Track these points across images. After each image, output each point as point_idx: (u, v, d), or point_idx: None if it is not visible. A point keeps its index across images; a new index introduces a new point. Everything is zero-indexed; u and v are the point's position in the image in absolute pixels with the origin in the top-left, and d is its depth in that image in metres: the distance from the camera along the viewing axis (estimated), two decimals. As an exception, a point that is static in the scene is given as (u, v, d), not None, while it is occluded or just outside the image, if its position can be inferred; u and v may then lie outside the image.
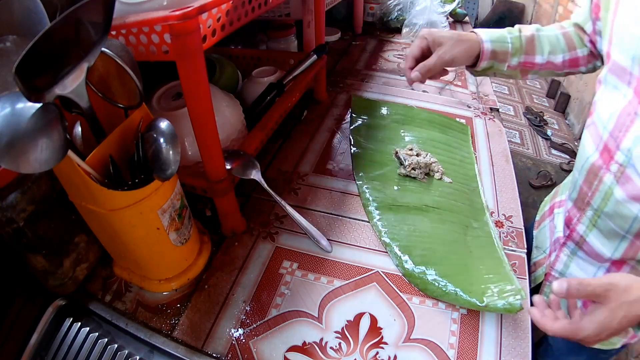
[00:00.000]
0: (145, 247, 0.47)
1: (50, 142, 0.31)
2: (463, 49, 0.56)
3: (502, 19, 4.17)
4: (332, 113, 0.89)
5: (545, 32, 0.60)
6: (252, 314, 0.49)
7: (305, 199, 0.66)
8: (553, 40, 0.59)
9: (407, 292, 0.52)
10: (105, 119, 0.42)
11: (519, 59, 0.59)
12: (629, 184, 0.43)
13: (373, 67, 1.13)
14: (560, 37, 0.59)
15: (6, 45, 0.34)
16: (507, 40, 0.58)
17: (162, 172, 0.40)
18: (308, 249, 0.57)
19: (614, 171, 0.44)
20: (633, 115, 0.42)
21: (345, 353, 0.45)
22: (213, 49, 0.83)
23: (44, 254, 0.46)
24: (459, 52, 0.56)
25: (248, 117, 0.67)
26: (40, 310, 0.47)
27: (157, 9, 0.43)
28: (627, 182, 0.43)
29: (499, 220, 0.63)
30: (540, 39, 0.59)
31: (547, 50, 0.58)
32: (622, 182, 0.44)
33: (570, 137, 2.41)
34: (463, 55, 0.56)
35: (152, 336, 0.47)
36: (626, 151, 0.43)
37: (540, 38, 0.59)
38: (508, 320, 0.50)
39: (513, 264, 0.56)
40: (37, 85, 0.30)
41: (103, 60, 0.40)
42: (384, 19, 1.39)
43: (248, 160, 0.57)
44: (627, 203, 0.43)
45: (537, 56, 0.59)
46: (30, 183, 0.43)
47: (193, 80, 0.42)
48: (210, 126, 0.47)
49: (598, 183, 0.47)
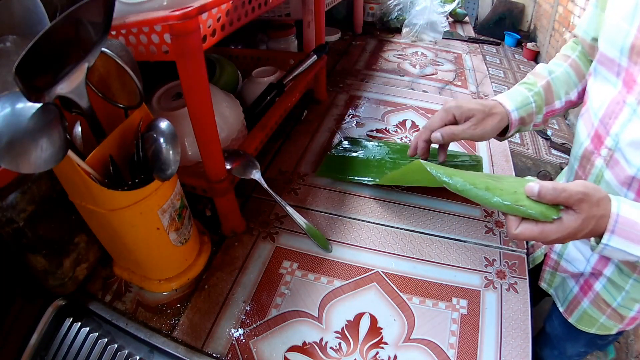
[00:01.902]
0: (145, 247, 0.47)
1: (50, 142, 0.31)
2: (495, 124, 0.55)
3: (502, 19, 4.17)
4: (332, 113, 0.89)
5: (556, 72, 0.59)
6: (252, 314, 0.49)
7: (305, 199, 0.66)
8: (566, 79, 0.59)
9: (407, 292, 0.52)
10: (105, 119, 0.42)
11: (542, 114, 0.59)
12: (617, 167, 0.46)
13: (373, 67, 1.13)
14: (570, 72, 0.59)
15: (6, 45, 0.34)
16: (530, 102, 0.57)
17: (162, 172, 0.40)
18: (308, 249, 0.57)
19: (604, 155, 0.47)
20: (622, 104, 0.45)
21: (345, 353, 0.45)
22: (213, 49, 0.83)
23: (44, 254, 0.46)
24: (490, 128, 0.55)
25: (248, 117, 0.67)
26: (40, 310, 0.47)
27: (157, 9, 0.43)
28: (615, 166, 0.46)
29: (499, 220, 0.63)
30: (555, 84, 0.58)
31: (563, 92, 0.59)
32: (611, 165, 0.46)
33: (570, 137, 2.41)
34: (493, 129, 0.55)
35: (152, 336, 0.47)
36: (614, 136, 0.45)
37: (555, 82, 0.58)
38: (508, 320, 0.50)
39: (513, 264, 0.57)
40: (37, 85, 0.30)
41: (103, 60, 0.40)
42: (384, 19, 1.39)
43: (248, 160, 0.57)
44: (616, 185, 0.46)
45: (556, 102, 0.59)
46: (30, 183, 0.43)
47: (193, 80, 0.42)
48: (210, 126, 0.47)
49: (590, 167, 0.49)
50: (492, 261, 0.57)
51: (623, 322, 0.57)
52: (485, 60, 1.28)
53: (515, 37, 3.98)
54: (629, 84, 0.43)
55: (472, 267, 0.56)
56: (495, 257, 0.57)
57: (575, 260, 0.58)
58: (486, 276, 0.55)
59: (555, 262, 0.62)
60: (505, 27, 4.11)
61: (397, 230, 0.61)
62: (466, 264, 0.56)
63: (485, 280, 0.54)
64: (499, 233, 0.61)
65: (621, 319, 0.56)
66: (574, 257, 0.58)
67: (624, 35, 0.43)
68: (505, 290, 0.53)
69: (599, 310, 0.57)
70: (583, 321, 0.60)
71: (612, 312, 0.56)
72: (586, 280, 0.57)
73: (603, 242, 0.40)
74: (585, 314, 0.59)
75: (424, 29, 1.31)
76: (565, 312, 0.62)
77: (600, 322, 0.58)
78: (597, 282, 0.56)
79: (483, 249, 0.59)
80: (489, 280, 0.54)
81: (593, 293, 0.57)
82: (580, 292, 0.59)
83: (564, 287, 0.62)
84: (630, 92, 0.44)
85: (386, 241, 0.59)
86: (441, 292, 0.52)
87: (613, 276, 0.53)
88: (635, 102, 0.43)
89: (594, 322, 0.59)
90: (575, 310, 0.60)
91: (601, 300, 0.56)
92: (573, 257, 0.58)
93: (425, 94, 1.00)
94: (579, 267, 0.57)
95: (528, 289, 0.54)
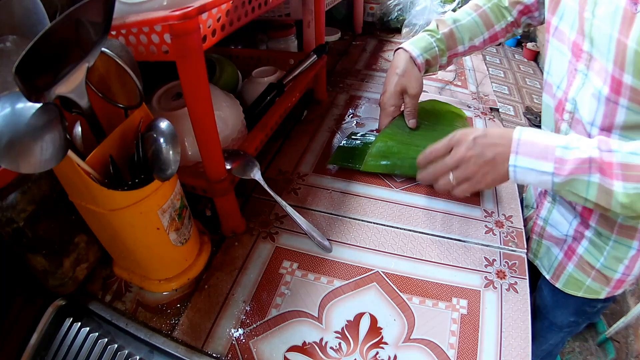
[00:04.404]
0: (145, 247, 0.47)
1: (50, 142, 0.31)
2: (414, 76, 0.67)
3: (502, 19, 4.17)
4: (332, 113, 0.89)
5: (462, 21, 0.69)
6: (252, 314, 0.49)
7: (305, 199, 0.66)
8: (472, 27, 0.68)
9: (407, 292, 0.52)
10: (105, 119, 0.42)
11: (445, 57, 0.69)
12: (578, 127, 0.52)
13: (373, 67, 1.13)
14: (478, 21, 0.68)
15: (6, 45, 0.34)
16: (433, 46, 0.68)
17: (162, 172, 0.40)
18: (308, 249, 0.57)
19: (566, 119, 0.54)
20: (574, 71, 0.51)
21: (345, 353, 0.46)
22: (213, 49, 0.83)
23: (44, 254, 0.46)
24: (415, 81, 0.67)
25: (248, 117, 0.67)
26: (40, 310, 0.47)
27: (157, 9, 0.43)
28: (577, 125, 0.53)
29: (499, 220, 0.63)
30: (459, 31, 0.68)
31: (467, 38, 0.69)
32: (573, 126, 0.53)
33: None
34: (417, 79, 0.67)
35: (152, 336, 0.47)
36: (572, 100, 0.52)
37: (459, 30, 0.68)
38: (508, 320, 0.50)
39: (513, 264, 0.57)
40: (37, 85, 0.30)
41: (103, 60, 0.40)
42: (384, 19, 1.39)
43: (248, 160, 0.57)
44: None
45: (459, 47, 0.69)
46: (30, 183, 0.43)
47: (193, 80, 0.42)
48: (210, 126, 0.47)
49: (558, 132, 0.56)
50: (492, 261, 0.57)
51: (609, 285, 0.60)
52: (485, 60, 1.28)
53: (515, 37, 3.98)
54: (577, 53, 0.50)
55: (472, 267, 0.56)
56: (495, 257, 0.58)
57: (559, 224, 0.63)
58: (486, 276, 0.55)
59: (541, 227, 0.66)
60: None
61: (397, 230, 0.61)
62: (466, 264, 0.56)
63: (485, 280, 0.54)
64: (499, 233, 0.61)
65: (607, 281, 0.60)
66: (557, 221, 0.63)
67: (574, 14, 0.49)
68: (505, 290, 0.53)
69: (583, 272, 0.61)
70: (570, 285, 0.64)
71: (597, 273, 0.60)
72: (569, 246, 0.62)
73: (511, 164, 0.47)
74: (571, 277, 0.63)
75: (424, 29, 1.30)
76: (552, 278, 0.66)
77: (586, 284, 0.62)
78: (579, 245, 0.60)
79: (483, 249, 0.59)
80: (489, 280, 0.54)
81: (577, 257, 0.61)
82: (564, 257, 0.63)
83: (549, 255, 0.66)
84: (579, 60, 0.49)
85: (386, 241, 0.59)
86: (441, 292, 0.52)
87: (594, 237, 0.58)
88: (585, 68, 0.49)
89: (580, 285, 0.63)
90: (561, 275, 0.64)
91: (585, 262, 0.60)
92: (557, 221, 0.63)
93: (425, 94, 0.99)
94: (563, 230, 0.62)
95: (528, 289, 0.54)
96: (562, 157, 0.44)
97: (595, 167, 0.42)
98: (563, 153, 0.44)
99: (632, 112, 0.44)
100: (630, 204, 0.41)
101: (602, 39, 0.44)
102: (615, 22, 0.42)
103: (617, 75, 0.43)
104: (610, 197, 0.42)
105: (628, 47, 0.40)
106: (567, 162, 0.44)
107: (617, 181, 0.41)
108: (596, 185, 0.43)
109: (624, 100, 0.44)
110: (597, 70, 0.47)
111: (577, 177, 0.43)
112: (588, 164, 0.43)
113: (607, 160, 0.42)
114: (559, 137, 0.46)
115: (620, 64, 0.42)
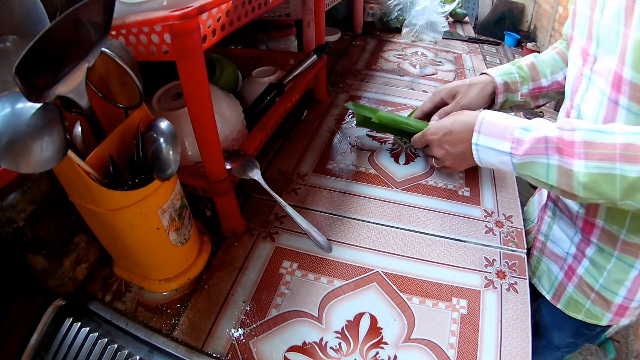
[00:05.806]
0: (145, 247, 0.47)
1: (50, 142, 0.31)
2: (477, 91, 0.65)
3: (502, 19, 4.17)
4: (332, 113, 0.89)
5: (541, 56, 0.67)
6: (252, 314, 0.49)
7: (305, 199, 0.66)
8: (551, 62, 0.66)
9: (407, 292, 0.52)
10: (105, 119, 0.42)
11: (528, 87, 0.66)
12: None
13: (373, 67, 1.13)
14: (556, 57, 0.67)
15: (6, 45, 0.34)
16: (513, 72, 0.65)
17: (162, 172, 0.40)
18: (308, 249, 0.57)
19: None
20: (580, 77, 0.51)
21: (345, 353, 0.45)
22: (213, 49, 0.83)
23: (44, 254, 0.46)
24: (474, 95, 0.65)
25: (248, 117, 0.67)
26: (40, 310, 0.47)
27: (157, 9, 0.43)
28: None
29: (499, 220, 0.63)
30: (540, 64, 0.66)
31: (549, 72, 0.66)
32: None
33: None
34: (478, 97, 0.65)
35: (152, 336, 0.47)
36: (577, 107, 0.51)
37: (539, 63, 0.66)
38: (508, 320, 0.50)
39: (513, 264, 0.57)
40: (37, 85, 0.30)
41: (103, 60, 0.40)
42: (384, 19, 1.39)
43: (248, 160, 0.57)
44: None
45: (542, 80, 0.66)
46: (30, 183, 0.43)
47: (193, 80, 0.42)
48: (210, 126, 0.47)
49: None
50: (492, 261, 0.57)
51: (610, 310, 0.58)
52: (485, 60, 1.28)
53: (515, 37, 3.98)
54: (585, 57, 0.50)
55: (472, 267, 0.56)
56: (495, 257, 0.58)
57: (560, 241, 0.61)
58: (486, 276, 0.55)
59: (542, 243, 0.65)
60: (505, 27, 4.11)
61: (397, 230, 0.61)
62: (466, 264, 0.56)
63: (485, 280, 0.54)
64: (499, 233, 0.61)
65: (607, 305, 0.58)
66: (558, 237, 0.62)
67: (585, 21, 0.49)
68: (505, 290, 0.53)
69: (583, 294, 0.60)
70: (570, 306, 0.62)
71: (597, 296, 0.58)
72: (570, 265, 0.60)
73: (473, 142, 0.49)
74: (571, 299, 0.62)
75: (424, 29, 1.31)
76: (553, 298, 0.65)
77: (586, 307, 0.60)
78: (579, 265, 0.58)
79: (483, 249, 0.59)
80: (489, 280, 0.54)
81: (576, 277, 0.59)
82: (565, 277, 0.62)
83: (549, 274, 0.65)
84: (585, 64, 0.49)
85: (386, 241, 0.59)
86: (441, 292, 0.52)
87: (595, 256, 0.56)
88: (589, 71, 0.49)
89: (580, 307, 0.61)
90: (562, 295, 0.63)
91: (584, 283, 0.59)
92: (558, 238, 0.62)
93: (425, 94, 1.00)
94: (564, 247, 0.61)
95: (528, 289, 0.54)
96: (519, 138, 0.45)
97: (553, 148, 0.42)
98: (521, 134, 0.45)
99: (631, 113, 0.44)
100: (593, 184, 0.40)
101: (609, 35, 0.44)
102: (620, 16, 0.42)
103: (619, 70, 0.43)
104: (572, 179, 0.41)
105: (630, 37, 0.40)
106: (523, 142, 0.45)
107: (578, 160, 0.40)
108: (555, 168, 0.42)
109: (624, 99, 0.43)
110: (600, 71, 0.47)
111: (534, 159, 0.44)
112: (544, 143, 0.43)
113: (569, 139, 0.41)
114: (523, 120, 0.47)
115: (622, 57, 0.42)
